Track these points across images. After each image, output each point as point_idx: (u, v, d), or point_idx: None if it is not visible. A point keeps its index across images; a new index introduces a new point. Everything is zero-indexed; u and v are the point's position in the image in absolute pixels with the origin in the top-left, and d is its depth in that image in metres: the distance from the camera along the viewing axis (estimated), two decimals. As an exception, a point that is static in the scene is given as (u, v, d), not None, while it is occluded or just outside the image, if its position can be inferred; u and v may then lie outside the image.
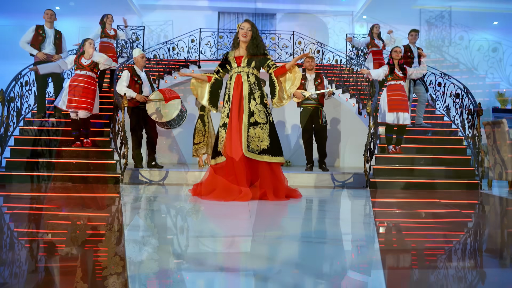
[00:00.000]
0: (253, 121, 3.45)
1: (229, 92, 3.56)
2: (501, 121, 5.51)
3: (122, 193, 4.05)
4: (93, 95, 5.29)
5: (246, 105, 3.47)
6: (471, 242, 2.06)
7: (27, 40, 5.89)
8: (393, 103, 5.30)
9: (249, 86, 3.52)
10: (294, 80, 3.60)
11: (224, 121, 3.53)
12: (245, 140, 3.38)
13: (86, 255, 1.59)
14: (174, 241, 1.84)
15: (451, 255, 1.74)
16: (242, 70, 3.55)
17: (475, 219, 3.00)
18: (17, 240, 1.89)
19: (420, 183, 4.90)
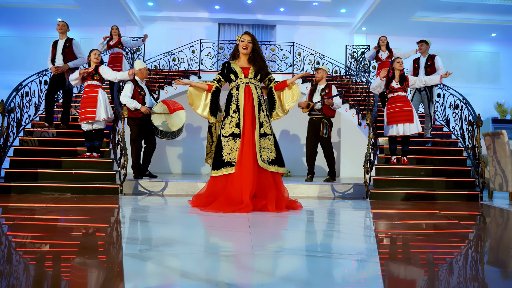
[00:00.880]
0: (262, 132, 3.49)
1: (237, 102, 3.55)
2: (501, 132, 5.51)
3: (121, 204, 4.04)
4: (94, 102, 5.22)
5: (257, 116, 3.50)
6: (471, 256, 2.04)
7: (49, 57, 5.99)
8: (391, 115, 5.31)
9: (258, 97, 3.57)
10: (293, 96, 3.66)
11: (232, 131, 3.49)
12: (258, 151, 3.40)
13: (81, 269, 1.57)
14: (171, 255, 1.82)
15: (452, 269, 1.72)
16: (250, 81, 3.58)
17: (475, 231, 2.98)
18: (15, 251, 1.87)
19: (421, 194, 4.88)
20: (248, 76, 3.60)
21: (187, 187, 5.30)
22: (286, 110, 3.75)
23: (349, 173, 9.63)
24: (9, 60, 10.79)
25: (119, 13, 9.89)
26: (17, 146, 5.46)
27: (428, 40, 6.45)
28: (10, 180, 4.76)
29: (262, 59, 3.69)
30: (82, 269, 1.54)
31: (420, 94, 6.31)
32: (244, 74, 3.61)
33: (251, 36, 3.69)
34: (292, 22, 11.14)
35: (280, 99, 3.76)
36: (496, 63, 11.20)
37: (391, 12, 9.65)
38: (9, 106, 5.26)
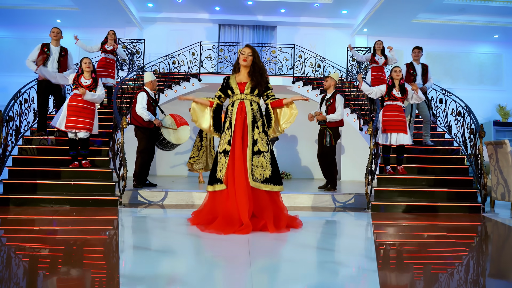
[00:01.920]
0: (256, 150, 3.41)
1: (231, 119, 3.51)
2: (504, 141, 5.47)
3: (120, 218, 4.01)
4: (92, 115, 5.27)
5: (250, 134, 3.42)
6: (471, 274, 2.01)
7: (32, 59, 5.86)
8: (387, 123, 5.27)
9: (253, 114, 3.48)
10: (290, 117, 3.58)
11: (224, 147, 3.47)
12: (250, 170, 3.34)
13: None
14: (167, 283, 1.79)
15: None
16: (245, 97, 3.51)
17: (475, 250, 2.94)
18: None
19: (422, 206, 4.84)
20: (244, 92, 3.53)
21: (186, 197, 5.27)
22: (281, 129, 3.65)
23: (350, 177, 9.61)
24: (8, 62, 10.72)
25: (118, 14, 9.80)
26: (16, 155, 5.43)
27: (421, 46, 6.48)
28: (8, 192, 4.72)
29: (261, 73, 3.60)
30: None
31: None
32: (240, 90, 3.55)
33: (251, 49, 3.63)
34: (293, 23, 11.04)
35: (276, 117, 3.66)
36: (499, 65, 11.11)
37: (393, 14, 9.55)
38: (7, 115, 5.21)
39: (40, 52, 5.90)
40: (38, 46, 5.99)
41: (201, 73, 9.05)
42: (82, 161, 5.25)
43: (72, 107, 5.15)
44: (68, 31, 10.76)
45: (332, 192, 5.47)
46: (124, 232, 3.33)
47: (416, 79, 6.28)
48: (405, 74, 6.38)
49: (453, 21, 9.99)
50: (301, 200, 5.33)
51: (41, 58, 5.86)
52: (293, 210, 4.94)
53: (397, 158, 5.39)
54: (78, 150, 5.25)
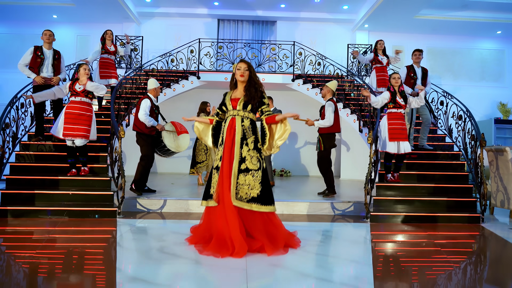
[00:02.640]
0: (244, 168, 3.34)
1: (223, 135, 3.48)
2: (504, 149, 5.43)
3: (117, 236, 4.00)
4: (89, 121, 5.20)
5: (237, 151, 3.36)
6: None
7: (25, 63, 5.79)
8: (394, 131, 5.21)
9: (243, 130, 3.41)
10: (283, 133, 3.50)
11: (217, 164, 3.44)
12: (233, 188, 3.27)
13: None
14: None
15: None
16: (237, 113, 3.45)
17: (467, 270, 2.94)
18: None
19: (421, 217, 4.83)
20: (236, 108, 3.47)
21: (185, 205, 5.25)
22: (276, 146, 3.59)
23: (349, 175, 9.61)
24: (4, 58, 10.59)
25: (115, 9, 9.62)
26: (13, 162, 5.39)
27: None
28: (7, 202, 4.71)
29: (256, 87, 3.52)
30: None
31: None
32: (233, 106, 3.49)
33: (247, 64, 3.56)
34: (293, 19, 10.87)
35: (271, 133, 3.58)
36: (501, 61, 10.98)
37: (395, 10, 9.39)
38: (3, 122, 5.15)
39: (33, 56, 5.82)
40: (30, 50, 5.91)
41: (200, 71, 8.95)
42: (81, 167, 5.22)
43: (68, 115, 5.09)
44: (64, 27, 10.65)
45: (331, 200, 5.46)
46: (119, 256, 3.31)
47: (416, 83, 6.20)
48: (405, 77, 6.29)
49: (456, 17, 9.83)
50: (300, 208, 5.32)
51: (35, 62, 5.78)
52: (292, 218, 4.95)
53: (396, 165, 5.35)
54: (76, 158, 5.22)
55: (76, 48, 10.60)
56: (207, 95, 10.75)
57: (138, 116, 5.52)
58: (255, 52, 9.75)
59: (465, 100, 10.65)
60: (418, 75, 6.24)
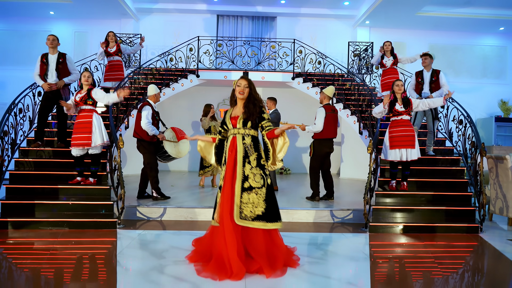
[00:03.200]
0: (247, 186, 3.33)
1: (225, 155, 3.46)
2: (505, 157, 5.41)
3: (116, 247, 4.02)
4: (89, 128, 5.09)
5: (239, 170, 3.34)
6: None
7: (37, 72, 5.79)
8: (394, 139, 5.18)
9: (244, 149, 3.39)
10: (282, 146, 3.50)
11: (221, 184, 3.44)
12: (237, 207, 3.27)
13: None
14: None
15: None
16: (238, 132, 3.43)
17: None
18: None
19: (420, 227, 4.85)
20: (236, 126, 3.45)
21: (185, 213, 5.27)
22: (278, 159, 3.58)
23: (349, 174, 9.63)
24: (2, 54, 10.49)
25: (113, 6, 9.47)
26: (12, 170, 5.38)
27: (432, 54, 6.21)
28: (7, 214, 4.72)
29: (255, 103, 3.49)
30: None
31: (425, 111, 6.15)
32: (233, 125, 3.46)
33: (247, 81, 3.52)
34: (293, 14, 10.73)
35: (274, 148, 3.58)
36: (503, 57, 10.88)
37: (397, 7, 9.26)
38: (2, 131, 5.13)
39: (40, 63, 5.79)
40: (39, 58, 5.89)
41: (199, 69, 8.89)
42: (90, 178, 5.20)
43: (75, 125, 5.13)
44: (61, 23, 10.53)
45: (330, 207, 5.47)
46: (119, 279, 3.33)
47: (424, 88, 6.13)
48: (414, 83, 6.24)
49: (459, 14, 9.71)
50: (299, 215, 5.33)
51: (42, 70, 5.76)
52: (292, 226, 4.98)
53: (403, 174, 5.31)
54: (84, 166, 5.19)
55: (74, 44, 10.49)
56: (207, 93, 10.72)
57: (141, 125, 5.52)
58: (255, 50, 9.65)
59: (466, 97, 10.64)
60: (426, 80, 6.15)
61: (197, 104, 10.75)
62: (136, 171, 9.28)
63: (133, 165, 9.22)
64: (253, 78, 8.99)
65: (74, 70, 5.90)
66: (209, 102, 10.72)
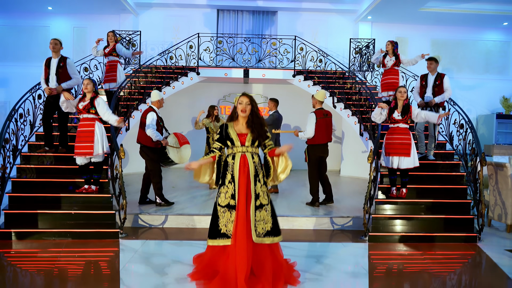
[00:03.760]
0: (258, 204, 3.39)
1: (232, 173, 3.44)
2: (505, 164, 5.43)
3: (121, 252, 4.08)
4: (91, 137, 5.10)
5: (252, 188, 3.39)
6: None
7: (42, 76, 5.78)
8: (390, 146, 5.21)
9: (255, 167, 3.43)
10: (285, 168, 3.51)
11: (228, 202, 3.41)
12: (253, 226, 3.34)
13: None
14: None
15: None
16: (247, 150, 3.44)
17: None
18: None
19: (419, 237, 4.90)
20: (245, 144, 3.45)
21: (186, 221, 5.33)
22: (279, 180, 3.59)
23: (350, 172, 9.68)
24: (0, 50, 10.40)
25: (111, 0, 9.32)
26: (14, 177, 5.41)
27: (438, 57, 6.13)
28: (10, 224, 4.77)
29: (260, 122, 3.51)
30: None
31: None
32: (241, 142, 3.46)
33: (249, 98, 3.51)
34: (295, 9, 10.58)
35: (274, 166, 3.59)
36: (506, 52, 10.77)
37: (400, 3, 9.10)
38: (3, 139, 5.13)
39: (44, 68, 5.78)
40: (44, 62, 5.83)
41: (199, 67, 8.83)
42: (92, 185, 5.23)
43: (77, 133, 5.15)
44: (60, 18, 10.41)
45: (330, 215, 5.52)
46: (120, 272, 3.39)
47: (426, 91, 6.09)
48: (419, 86, 6.20)
49: (462, 10, 9.58)
50: (300, 223, 5.39)
51: (45, 74, 5.75)
52: (292, 233, 5.05)
53: (402, 181, 5.35)
54: (90, 174, 5.23)
55: (73, 40, 10.40)
56: (207, 89, 10.68)
57: (146, 132, 5.54)
58: (256, 47, 9.57)
59: (468, 94, 10.62)
60: (429, 83, 6.10)
61: (197, 101, 10.74)
62: (137, 170, 9.37)
63: (134, 164, 9.26)
64: (254, 75, 8.97)
65: (74, 75, 5.86)
66: (210, 98, 10.77)
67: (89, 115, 5.14)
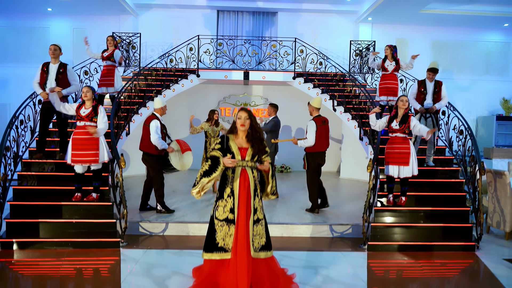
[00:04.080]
0: (256, 219, 3.42)
1: (232, 187, 3.46)
2: (503, 172, 5.45)
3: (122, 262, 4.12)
4: (97, 145, 5.16)
5: (252, 202, 3.42)
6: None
7: (37, 80, 5.75)
8: (390, 155, 5.25)
9: (254, 182, 3.45)
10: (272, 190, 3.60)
11: (227, 216, 3.43)
12: (252, 240, 3.37)
13: None
14: None
15: None
16: (247, 164, 3.46)
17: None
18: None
19: (418, 246, 4.94)
20: (246, 159, 3.48)
21: (186, 228, 5.36)
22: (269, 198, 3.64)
23: (349, 174, 9.72)
24: (0, 51, 10.39)
25: (111, 2, 9.29)
26: (16, 185, 5.44)
27: (435, 64, 6.14)
28: (12, 233, 4.81)
29: (260, 137, 3.53)
30: None
31: (426, 121, 6.15)
32: (242, 156, 3.48)
33: (247, 113, 3.53)
34: (295, 10, 10.55)
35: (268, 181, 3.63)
36: (506, 54, 10.75)
37: (401, 5, 9.08)
38: (4, 147, 5.15)
39: (41, 72, 5.74)
40: (40, 66, 5.81)
41: (199, 69, 8.83)
42: (93, 193, 5.26)
43: (75, 141, 5.09)
44: (60, 20, 10.38)
45: (329, 222, 5.55)
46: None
47: (426, 98, 6.09)
48: (416, 91, 6.19)
49: (463, 11, 9.55)
50: (299, 230, 5.42)
51: (42, 78, 5.73)
52: (291, 241, 5.08)
53: (401, 189, 5.38)
54: (83, 183, 5.24)
55: (73, 41, 10.38)
56: (207, 91, 10.68)
57: (151, 140, 5.56)
58: (256, 49, 9.56)
59: (468, 95, 10.62)
60: (429, 90, 6.11)
61: (197, 102, 10.74)
62: (138, 172, 9.40)
63: (135, 167, 9.29)
64: (254, 77, 8.97)
65: (74, 81, 5.87)
66: (209, 99, 10.77)
67: (91, 123, 5.15)
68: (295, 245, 5.04)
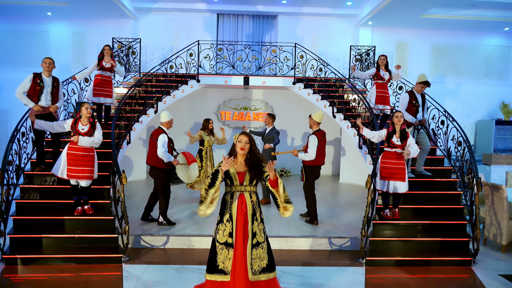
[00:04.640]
0: (255, 242, 3.48)
1: (230, 212, 3.52)
2: (501, 186, 5.51)
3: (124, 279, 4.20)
4: (92, 161, 5.25)
5: (250, 228, 3.46)
6: None
7: (24, 90, 5.62)
8: (385, 171, 5.27)
9: (252, 206, 3.49)
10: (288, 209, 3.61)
11: (226, 239, 3.49)
12: (249, 264, 3.43)
13: None
14: None
15: None
16: (245, 189, 3.51)
17: None
18: None
19: (415, 261, 5.01)
20: (243, 184, 3.52)
21: (187, 241, 5.43)
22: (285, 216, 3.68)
23: (348, 179, 9.78)
24: (0, 55, 10.38)
25: (110, 7, 9.26)
26: (18, 199, 5.50)
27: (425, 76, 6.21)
28: (15, 249, 4.87)
29: (258, 160, 3.56)
30: None
31: (418, 132, 6.21)
32: (239, 181, 3.52)
33: (248, 137, 3.57)
34: (295, 14, 10.53)
35: (278, 194, 3.65)
36: (507, 57, 10.75)
37: (402, 9, 9.07)
38: (6, 161, 5.19)
39: (32, 84, 5.67)
40: (29, 77, 5.70)
41: (199, 74, 8.83)
42: (84, 206, 5.34)
43: (71, 156, 5.13)
44: (59, 24, 10.37)
45: (328, 235, 5.62)
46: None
47: (420, 111, 6.14)
48: (407, 103, 6.22)
49: (464, 16, 9.54)
50: (298, 243, 5.49)
51: (35, 91, 5.67)
52: (290, 254, 5.15)
53: (394, 202, 5.45)
54: (81, 196, 5.32)
55: (72, 45, 10.38)
56: (207, 95, 10.70)
57: (158, 154, 5.62)
58: (256, 54, 9.56)
59: (467, 99, 10.65)
60: (420, 102, 6.17)
61: (197, 106, 10.78)
62: (141, 177, 9.48)
63: (138, 171, 9.36)
64: (254, 82, 8.98)
65: (61, 96, 5.99)
66: (209, 103, 10.80)
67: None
68: (295, 258, 5.12)
